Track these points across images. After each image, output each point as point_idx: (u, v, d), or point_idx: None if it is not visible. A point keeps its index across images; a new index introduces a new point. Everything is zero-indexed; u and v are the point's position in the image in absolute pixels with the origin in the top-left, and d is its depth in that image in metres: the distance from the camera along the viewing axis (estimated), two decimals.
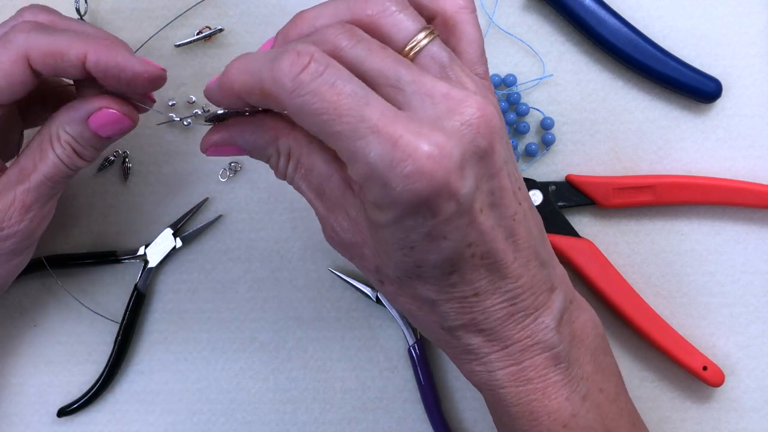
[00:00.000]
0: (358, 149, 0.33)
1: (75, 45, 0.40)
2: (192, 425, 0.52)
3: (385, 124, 0.32)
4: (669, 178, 0.51)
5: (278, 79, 0.33)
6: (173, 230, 0.52)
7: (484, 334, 0.38)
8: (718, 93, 0.51)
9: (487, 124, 0.34)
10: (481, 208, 0.35)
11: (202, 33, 0.53)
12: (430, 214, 0.33)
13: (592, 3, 0.51)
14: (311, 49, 0.33)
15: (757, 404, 0.52)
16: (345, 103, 0.33)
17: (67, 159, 0.43)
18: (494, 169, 0.35)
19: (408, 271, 0.36)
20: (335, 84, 0.33)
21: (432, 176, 0.32)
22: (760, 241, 0.52)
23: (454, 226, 0.34)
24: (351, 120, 0.32)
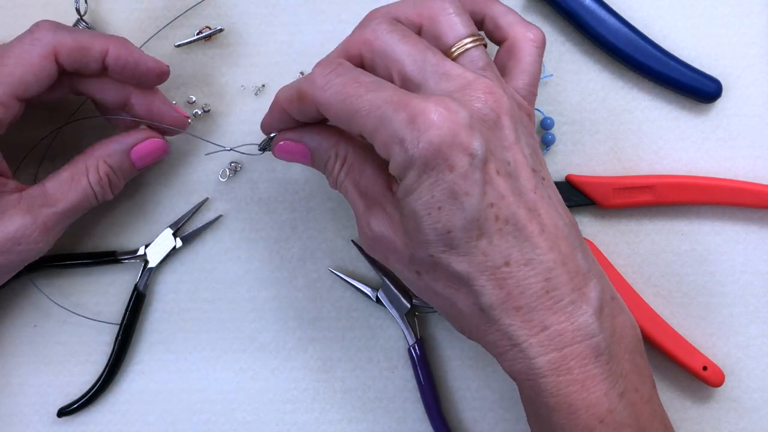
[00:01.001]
0: (378, 121, 0.38)
1: (98, 41, 0.45)
2: (192, 425, 0.52)
3: (398, 96, 0.38)
4: (669, 178, 0.51)
5: (312, 79, 0.40)
6: (173, 230, 0.52)
7: (521, 313, 0.38)
8: (718, 93, 0.51)
9: (496, 101, 0.39)
10: (497, 170, 0.38)
11: (202, 33, 0.53)
12: (447, 167, 0.37)
13: (592, 3, 0.51)
14: (340, 59, 0.41)
15: (757, 404, 0.52)
16: (364, 88, 0.39)
17: (99, 190, 0.47)
18: (506, 141, 0.39)
19: (440, 242, 0.38)
20: (356, 77, 0.40)
21: (441, 128, 0.37)
22: (760, 241, 0.52)
23: (472, 181, 0.37)
24: (370, 99, 0.38)
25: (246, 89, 0.53)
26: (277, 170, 0.53)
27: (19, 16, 0.53)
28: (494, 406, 0.52)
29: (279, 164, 0.53)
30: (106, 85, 0.47)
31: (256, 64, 0.53)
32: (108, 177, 0.47)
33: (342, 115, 0.40)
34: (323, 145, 0.44)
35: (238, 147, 0.50)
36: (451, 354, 0.52)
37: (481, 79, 0.39)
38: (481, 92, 0.39)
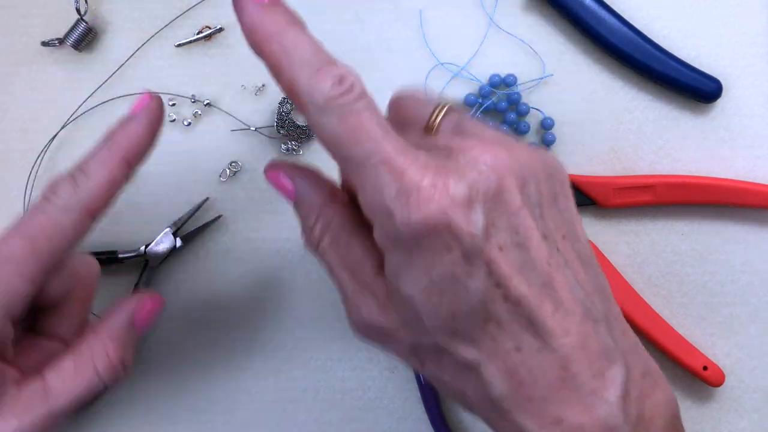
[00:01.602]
0: (368, 177, 0.33)
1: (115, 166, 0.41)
2: (192, 425, 0.52)
3: (396, 157, 0.33)
4: (669, 178, 0.51)
5: (313, 91, 0.34)
6: (173, 230, 0.52)
7: (534, 405, 0.34)
8: (718, 93, 0.51)
9: (496, 165, 0.34)
10: (501, 246, 0.33)
11: (202, 33, 0.53)
12: (443, 248, 0.33)
13: (592, 3, 0.51)
14: (353, 79, 0.34)
15: (757, 404, 0.52)
16: (366, 132, 0.33)
17: (111, 376, 0.41)
18: (512, 207, 0.34)
19: (444, 328, 0.34)
20: (362, 113, 0.33)
21: (435, 205, 0.32)
22: (760, 241, 0.52)
23: (474, 262, 0.33)
24: (368, 147, 0.33)
25: (246, 89, 0.53)
26: None
27: (19, 16, 0.53)
28: None
29: None
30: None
31: (256, 64, 0.53)
32: (121, 359, 0.41)
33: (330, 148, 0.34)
34: (312, 197, 0.39)
35: (261, 128, 0.51)
36: None
37: (477, 144, 0.34)
38: (479, 158, 0.34)
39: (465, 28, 0.53)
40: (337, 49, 0.53)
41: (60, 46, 0.53)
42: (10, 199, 0.53)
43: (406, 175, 0.33)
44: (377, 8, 0.53)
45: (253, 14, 0.35)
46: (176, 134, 0.53)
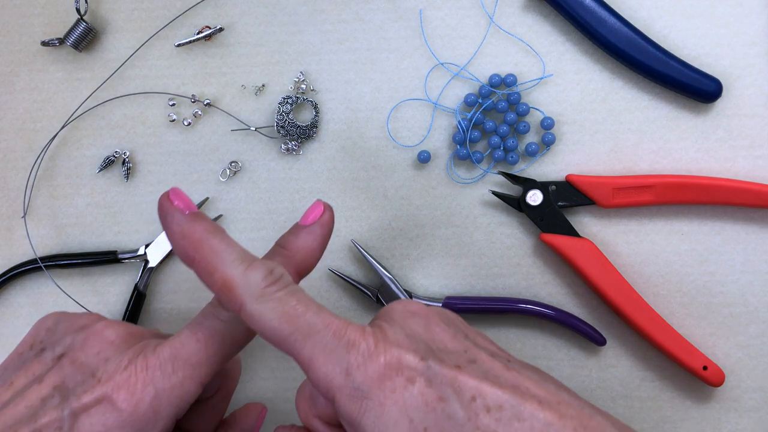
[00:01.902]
0: (315, 345, 0.34)
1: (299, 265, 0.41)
2: None
3: (337, 322, 0.35)
4: (669, 178, 0.51)
5: (249, 282, 0.35)
6: None
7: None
8: (718, 93, 0.51)
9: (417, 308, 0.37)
10: (457, 365, 0.34)
11: (202, 33, 0.53)
12: (407, 381, 0.33)
13: (592, 3, 0.51)
14: (282, 270, 0.36)
15: (757, 404, 0.52)
16: (304, 307, 0.35)
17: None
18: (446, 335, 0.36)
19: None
20: (296, 294, 0.35)
21: (386, 346, 0.34)
22: (760, 241, 0.52)
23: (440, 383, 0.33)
24: (309, 319, 0.35)
25: (246, 89, 0.53)
26: (277, 170, 0.53)
27: (19, 16, 0.53)
28: None
29: (279, 164, 0.53)
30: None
31: (256, 64, 0.53)
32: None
33: (267, 334, 0.35)
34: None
35: (262, 128, 0.51)
36: None
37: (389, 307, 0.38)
38: (397, 308, 0.37)
39: (465, 28, 0.53)
40: (337, 49, 0.53)
41: (60, 46, 0.53)
42: (10, 199, 0.53)
43: (349, 332, 0.34)
44: (377, 8, 0.53)
45: (182, 223, 0.37)
46: (176, 134, 0.53)
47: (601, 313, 0.52)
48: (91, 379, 0.38)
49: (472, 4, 0.53)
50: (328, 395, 0.34)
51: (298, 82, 0.53)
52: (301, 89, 0.53)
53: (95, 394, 0.37)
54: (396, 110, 0.53)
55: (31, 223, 0.53)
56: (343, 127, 0.53)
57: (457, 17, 0.53)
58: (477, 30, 0.53)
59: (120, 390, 0.37)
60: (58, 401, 0.38)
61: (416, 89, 0.53)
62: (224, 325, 0.39)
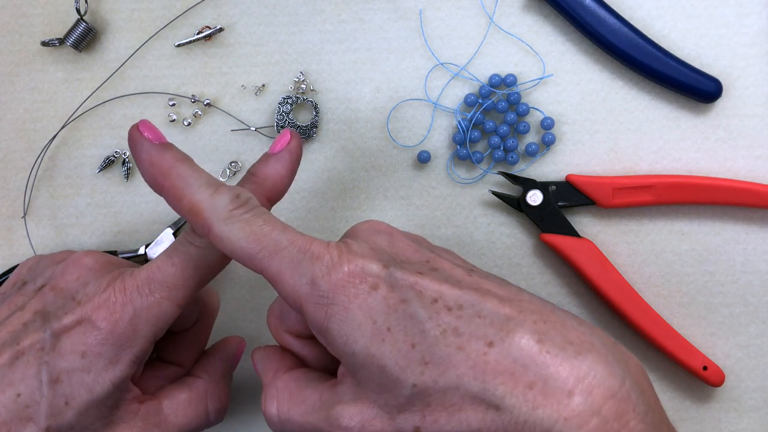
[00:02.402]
0: (282, 261, 0.36)
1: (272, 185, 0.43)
2: None
3: (301, 238, 0.37)
4: (669, 178, 0.51)
5: (217, 206, 0.37)
6: (173, 230, 0.52)
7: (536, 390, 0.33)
8: (718, 93, 0.51)
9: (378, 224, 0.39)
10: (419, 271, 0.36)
11: (202, 33, 0.53)
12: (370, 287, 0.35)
13: (592, 3, 0.51)
14: (249, 195, 0.38)
15: (757, 404, 0.52)
16: (270, 227, 0.37)
17: (217, 418, 0.44)
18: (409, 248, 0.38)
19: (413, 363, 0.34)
20: (262, 216, 0.37)
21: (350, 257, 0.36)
22: (760, 241, 0.52)
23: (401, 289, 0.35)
24: (275, 237, 0.36)
25: (246, 89, 0.53)
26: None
27: (19, 16, 0.53)
28: None
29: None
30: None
31: (256, 64, 0.53)
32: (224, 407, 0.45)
33: (236, 253, 0.36)
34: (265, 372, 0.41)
35: (261, 128, 0.51)
36: None
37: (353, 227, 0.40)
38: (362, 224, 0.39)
39: (465, 28, 0.53)
40: (337, 49, 0.53)
41: (60, 46, 0.53)
42: (10, 199, 0.53)
43: (313, 246, 0.36)
44: (377, 8, 0.53)
45: (151, 152, 0.39)
46: (176, 134, 0.53)
47: (601, 313, 0.52)
48: (71, 302, 0.40)
49: (472, 4, 0.53)
50: (296, 306, 0.36)
51: (298, 82, 0.53)
52: (301, 89, 0.53)
53: (75, 316, 0.39)
54: (396, 110, 0.53)
55: (31, 223, 0.53)
56: (343, 127, 0.53)
57: (457, 17, 0.53)
58: (477, 30, 0.53)
59: (99, 310, 0.39)
60: (39, 324, 0.40)
61: (416, 89, 0.53)
62: (199, 251, 0.40)
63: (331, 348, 0.36)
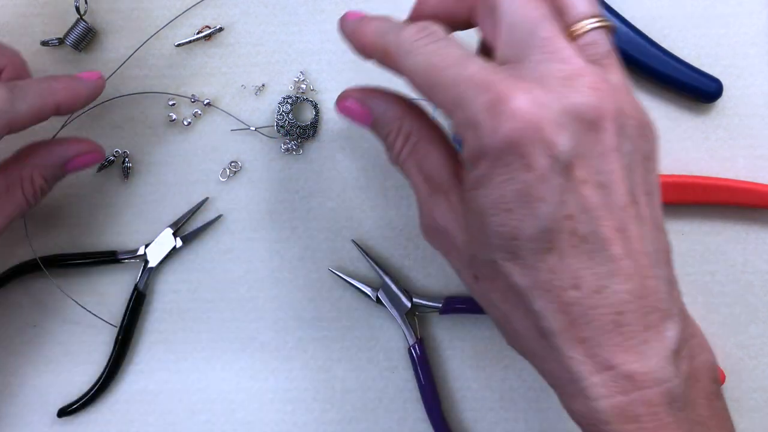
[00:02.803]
0: (457, 99, 0.34)
1: (48, 100, 0.44)
2: (192, 425, 0.52)
3: (484, 74, 0.33)
4: (669, 178, 0.51)
5: (399, 42, 0.37)
6: (173, 230, 0.52)
7: (585, 346, 0.33)
8: (718, 93, 0.51)
9: (601, 99, 0.33)
10: (584, 180, 0.33)
11: (202, 33, 0.53)
12: (523, 165, 0.32)
13: None
14: (434, 27, 0.36)
15: (757, 404, 0.52)
16: (450, 60, 0.34)
17: (33, 200, 0.46)
18: (602, 146, 0.33)
19: (504, 247, 0.34)
20: (444, 48, 0.35)
21: (523, 119, 0.32)
22: (760, 241, 0.52)
23: (551, 186, 0.32)
24: (453, 74, 0.34)
25: (246, 89, 0.53)
26: (277, 170, 0.53)
27: (19, 16, 0.53)
28: (494, 406, 0.52)
29: (279, 164, 0.53)
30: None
31: (256, 64, 0.53)
32: (41, 189, 0.46)
33: (423, 86, 0.36)
34: (388, 114, 0.41)
35: (261, 128, 0.51)
36: (451, 354, 0.52)
37: (591, 69, 0.34)
38: (586, 85, 0.33)
39: None
40: (337, 49, 0.53)
41: (60, 46, 0.53)
42: None
43: (497, 86, 0.33)
44: (377, 8, 0.53)
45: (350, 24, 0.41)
46: (176, 134, 0.53)
47: None
48: None
49: None
50: (462, 138, 0.35)
51: (298, 82, 0.53)
52: (301, 89, 0.53)
53: None
54: None
55: (31, 223, 0.53)
56: (343, 127, 0.53)
57: None
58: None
59: None
60: None
61: None
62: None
63: (465, 179, 0.36)
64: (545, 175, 0.32)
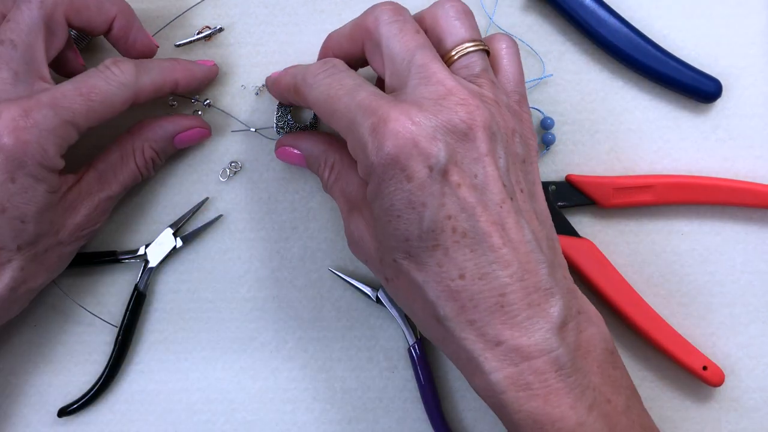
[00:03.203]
0: (349, 124, 0.39)
1: (168, 78, 0.48)
2: (192, 425, 0.52)
3: (370, 101, 0.39)
4: (669, 178, 0.51)
5: (306, 78, 0.43)
6: (173, 230, 0.52)
7: (475, 327, 0.38)
8: (718, 93, 0.51)
9: (469, 112, 0.38)
10: (459, 183, 0.38)
11: (202, 33, 0.53)
12: (405, 177, 0.37)
13: (592, 3, 0.51)
14: (334, 61, 0.43)
15: (757, 404, 0.52)
16: (344, 91, 0.40)
17: (145, 172, 0.50)
18: (476, 152, 0.38)
19: (399, 248, 0.39)
20: (342, 79, 0.41)
21: (401, 137, 0.37)
22: (760, 241, 0.52)
23: (430, 192, 0.37)
24: (346, 102, 0.39)
25: (246, 89, 0.53)
26: (277, 170, 0.53)
27: None
28: None
29: (279, 164, 0.53)
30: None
31: (256, 64, 0.53)
32: (153, 160, 0.50)
33: (324, 114, 0.41)
34: (314, 151, 0.48)
35: (262, 129, 0.52)
36: None
37: (462, 87, 0.39)
38: (456, 102, 0.38)
39: None
40: None
41: None
42: None
43: (379, 110, 0.38)
44: None
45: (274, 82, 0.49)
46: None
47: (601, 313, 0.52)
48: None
49: (472, 4, 0.52)
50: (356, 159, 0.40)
51: None
52: None
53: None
54: None
55: None
56: None
57: None
58: None
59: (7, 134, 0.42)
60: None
61: None
62: (109, 88, 0.45)
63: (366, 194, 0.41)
64: (424, 182, 0.37)
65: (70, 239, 0.47)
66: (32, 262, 0.45)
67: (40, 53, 0.45)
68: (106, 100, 0.45)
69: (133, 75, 0.46)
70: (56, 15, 0.45)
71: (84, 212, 0.47)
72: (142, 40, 0.49)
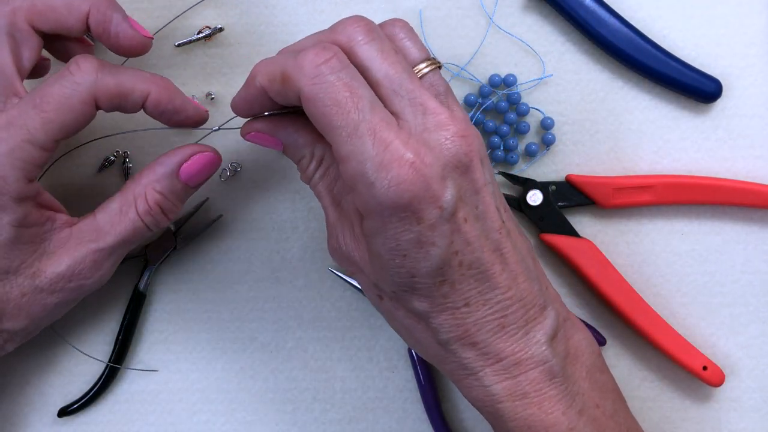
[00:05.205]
0: (354, 147, 0.36)
1: (139, 84, 0.43)
2: (192, 425, 0.52)
3: (382, 128, 0.36)
4: (669, 178, 0.51)
5: (301, 65, 0.37)
6: (173, 230, 0.52)
7: (477, 348, 0.39)
8: (718, 93, 0.51)
9: (469, 144, 0.38)
10: (465, 218, 0.38)
11: (202, 33, 0.53)
12: (415, 220, 0.36)
13: (592, 3, 0.51)
14: (336, 48, 0.37)
15: (757, 404, 0.52)
16: (354, 102, 0.36)
17: (151, 220, 0.45)
18: (477, 185, 0.38)
19: (403, 284, 0.38)
20: (350, 83, 0.36)
21: (413, 182, 0.36)
22: (760, 241, 0.52)
23: (440, 232, 0.37)
24: (355, 118, 0.36)
25: None
26: (277, 170, 0.53)
27: None
28: None
29: (279, 164, 0.53)
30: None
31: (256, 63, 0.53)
32: (159, 205, 0.45)
33: (319, 120, 0.37)
34: (299, 141, 0.42)
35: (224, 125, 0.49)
36: None
37: (455, 118, 0.38)
38: (456, 134, 0.37)
39: (465, 28, 0.53)
40: None
41: None
42: None
43: (390, 148, 0.36)
44: (377, 8, 0.53)
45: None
46: (177, 134, 0.53)
47: (601, 313, 0.52)
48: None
49: (472, 4, 0.53)
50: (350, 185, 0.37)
51: None
52: None
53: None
54: None
55: None
56: None
57: (457, 17, 0.53)
58: (477, 30, 0.53)
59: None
60: None
61: None
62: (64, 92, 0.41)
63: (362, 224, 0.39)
64: (435, 224, 0.37)
65: (52, 288, 0.43)
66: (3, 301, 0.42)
67: (8, 68, 0.42)
68: (61, 106, 0.41)
69: (92, 72, 0.42)
70: (18, 22, 0.42)
71: (68, 261, 0.44)
72: (125, 32, 0.44)
